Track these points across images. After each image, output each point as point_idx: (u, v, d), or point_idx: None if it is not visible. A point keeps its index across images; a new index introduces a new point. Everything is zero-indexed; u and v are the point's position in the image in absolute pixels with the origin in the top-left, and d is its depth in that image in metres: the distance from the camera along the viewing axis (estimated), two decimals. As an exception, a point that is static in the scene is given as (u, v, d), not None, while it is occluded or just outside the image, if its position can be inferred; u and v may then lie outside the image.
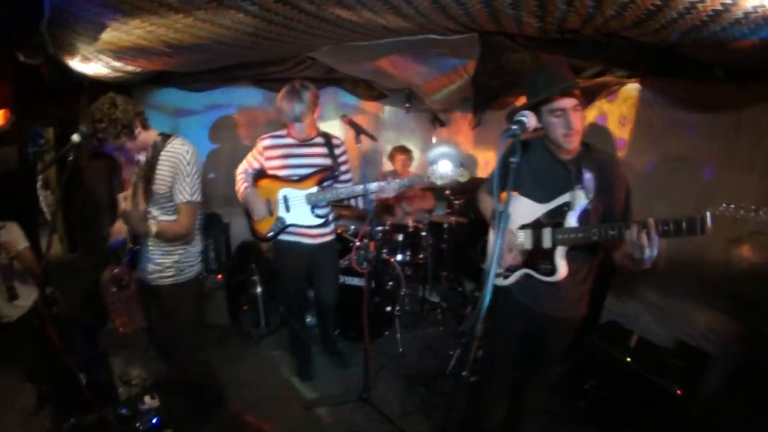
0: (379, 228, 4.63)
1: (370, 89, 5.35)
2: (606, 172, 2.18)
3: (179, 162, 2.55)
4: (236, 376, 3.65)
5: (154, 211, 2.66)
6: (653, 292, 3.90)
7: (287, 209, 3.42)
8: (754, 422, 3.01)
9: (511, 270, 2.48)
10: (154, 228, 2.52)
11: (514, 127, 1.77)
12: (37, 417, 3.40)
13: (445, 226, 4.86)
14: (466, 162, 5.21)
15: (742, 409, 3.11)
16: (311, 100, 3.22)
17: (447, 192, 4.86)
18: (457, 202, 4.86)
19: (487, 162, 5.70)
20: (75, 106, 4.76)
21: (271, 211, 3.43)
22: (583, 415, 3.45)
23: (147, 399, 3.38)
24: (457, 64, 3.98)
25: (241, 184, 3.47)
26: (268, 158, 3.42)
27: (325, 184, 3.40)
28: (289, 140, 3.38)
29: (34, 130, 5.48)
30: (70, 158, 2.39)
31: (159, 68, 3.98)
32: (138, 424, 3.23)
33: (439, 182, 3.21)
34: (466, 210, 4.88)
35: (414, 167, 5.46)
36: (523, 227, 2.39)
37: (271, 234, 3.46)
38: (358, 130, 3.21)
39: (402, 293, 4.52)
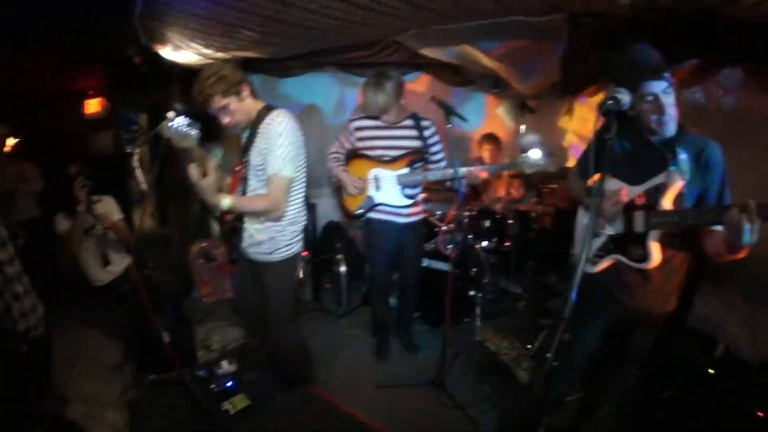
0: (466, 213, 4.53)
1: (456, 74, 5.24)
2: (703, 154, 2.06)
3: (272, 134, 2.54)
4: (313, 351, 3.66)
5: (253, 183, 2.69)
6: (745, 301, 3.61)
7: (377, 188, 3.47)
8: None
9: (600, 257, 2.38)
10: (227, 200, 2.47)
11: (610, 102, 1.71)
12: (120, 372, 3.58)
13: (533, 215, 4.69)
14: (555, 151, 5.05)
15: None
16: (395, 90, 3.22)
17: (536, 181, 4.73)
18: (546, 191, 4.70)
19: (576, 151, 5.44)
20: (166, 93, 5.04)
21: (361, 190, 3.48)
22: (658, 423, 3.21)
23: (224, 364, 3.51)
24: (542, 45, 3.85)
25: (334, 163, 3.56)
26: (360, 138, 3.48)
27: (416, 165, 3.39)
28: (379, 122, 3.40)
29: (127, 116, 5.81)
30: (165, 137, 2.40)
31: (247, 55, 4.10)
32: (213, 386, 3.36)
33: (528, 170, 3.13)
34: (554, 200, 4.71)
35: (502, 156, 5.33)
36: (615, 210, 2.27)
37: (360, 211, 3.53)
38: (448, 111, 3.11)
39: (485, 281, 4.42)
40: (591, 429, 2.96)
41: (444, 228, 4.25)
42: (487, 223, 4.62)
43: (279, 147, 2.53)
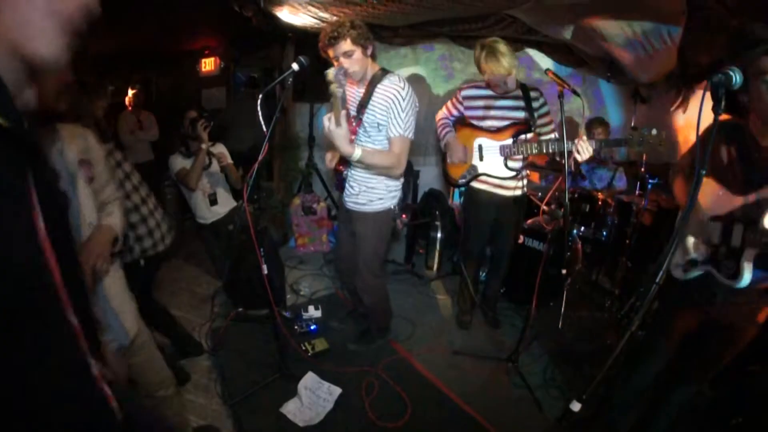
0: (567, 194, 4.45)
1: (569, 54, 5.12)
2: None
3: (395, 96, 2.68)
4: (398, 309, 3.82)
5: (363, 139, 2.87)
6: None
7: (481, 158, 3.47)
8: None
9: (692, 265, 2.23)
10: (358, 150, 2.61)
11: (720, 75, 1.53)
12: (210, 303, 3.86)
13: (634, 208, 4.43)
14: (666, 145, 4.84)
15: None
16: (513, 55, 3.19)
17: (642, 170, 4.51)
18: (651, 182, 4.47)
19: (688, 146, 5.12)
20: (281, 55, 5.30)
21: (465, 158, 3.49)
22: None
23: (311, 308, 3.70)
24: (662, 32, 3.69)
25: (443, 129, 3.59)
26: (468, 108, 3.47)
27: (521, 137, 3.34)
28: (489, 92, 3.39)
29: (240, 76, 6.16)
30: (289, 83, 2.61)
31: (364, 20, 4.18)
32: (296, 327, 3.58)
33: (637, 148, 3.03)
34: (658, 194, 4.49)
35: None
36: (714, 219, 2.10)
37: (463, 180, 3.55)
38: (563, 85, 3.12)
39: (576, 269, 4.33)
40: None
41: (545, 207, 4.21)
42: (586, 208, 4.48)
43: (404, 111, 2.69)
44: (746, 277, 1.94)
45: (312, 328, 3.58)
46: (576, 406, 1.60)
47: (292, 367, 3.15)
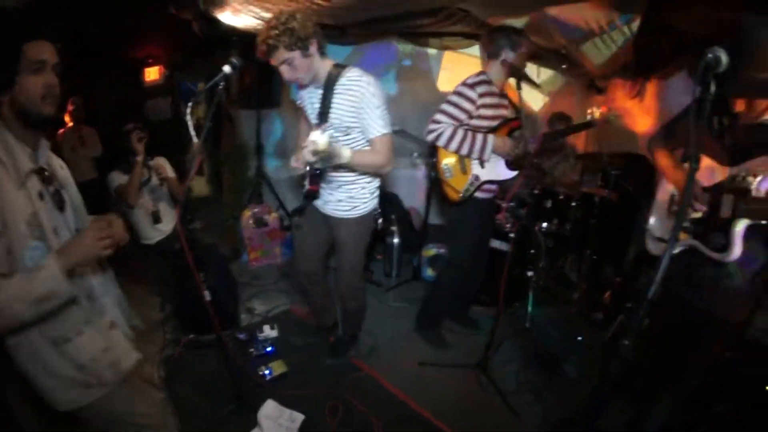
0: (529, 191, 4.39)
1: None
2: None
3: (361, 94, 2.47)
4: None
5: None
6: None
7: (482, 164, 3.17)
8: None
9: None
10: (347, 152, 2.44)
11: (709, 56, 1.47)
12: (161, 329, 3.63)
13: (596, 199, 4.39)
14: (623, 134, 4.81)
15: None
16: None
17: (604, 161, 4.42)
18: (613, 172, 4.41)
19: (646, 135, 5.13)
20: (224, 60, 5.04)
21: (464, 168, 3.19)
22: None
23: (266, 328, 3.53)
24: (618, 21, 3.65)
25: (466, 138, 3.06)
26: (481, 106, 3.06)
27: (516, 134, 3.15)
28: (494, 88, 3.13)
29: (185, 85, 5.91)
30: (220, 87, 2.43)
31: (304, 20, 4.02)
32: (252, 350, 3.38)
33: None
34: (621, 184, 4.41)
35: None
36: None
37: (467, 194, 3.20)
38: (520, 76, 2.95)
39: (541, 265, 4.23)
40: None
41: (505, 205, 4.09)
42: (549, 204, 4.41)
43: (377, 107, 2.50)
44: (736, 249, 1.93)
45: (268, 349, 3.37)
46: None
47: (250, 394, 2.95)
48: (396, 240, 4.61)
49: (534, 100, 5.66)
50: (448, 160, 3.18)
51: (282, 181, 5.41)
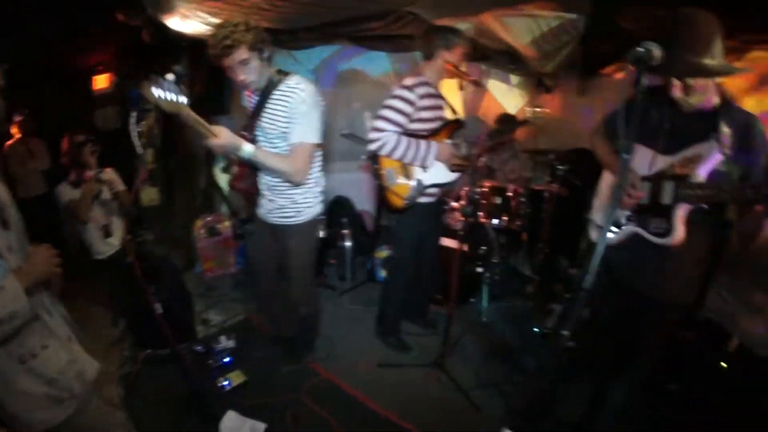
0: (477, 189, 4.40)
1: (473, 49, 5.03)
2: (746, 131, 1.92)
3: (293, 101, 2.47)
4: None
5: (266, 147, 2.63)
6: (762, 294, 3.49)
7: (425, 168, 3.11)
8: None
9: (618, 225, 2.26)
10: (248, 147, 2.39)
11: (641, 50, 1.54)
12: (118, 347, 3.54)
13: (546, 195, 4.52)
14: (570, 131, 4.91)
15: None
16: None
17: (552, 157, 4.55)
18: (561, 168, 4.51)
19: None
20: (182, 66, 4.95)
21: (407, 174, 3.11)
22: (663, 418, 3.12)
23: (223, 339, 3.48)
24: (567, 28, 3.67)
25: (408, 144, 2.98)
26: (421, 108, 2.99)
27: (456, 137, 3.16)
28: (433, 89, 3.07)
29: (135, 92, 5.77)
30: None
31: (257, 24, 3.98)
32: (210, 361, 3.33)
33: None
34: (569, 180, 4.51)
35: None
36: (642, 180, 2.15)
37: (410, 201, 3.11)
38: (462, 77, 2.99)
39: (493, 261, 4.27)
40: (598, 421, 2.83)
41: (455, 204, 4.13)
42: (498, 201, 4.45)
43: (305, 115, 2.48)
44: (678, 233, 2.01)
45: (226, 360, 3.32)
46: None
47: (210, 407, 2.90)
48: (348, 243, 4.59)
49: (511, 102, 5.70)
50: (390, 167, 3.10)
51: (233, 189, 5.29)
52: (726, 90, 1.99)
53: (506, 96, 5.62)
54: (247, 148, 2.39)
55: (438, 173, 3.13)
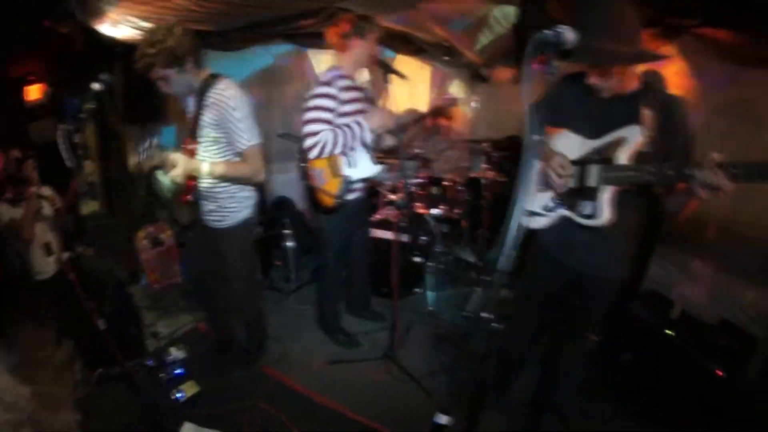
0: (414, 181, 4.52)
1: (408, 43, 5.05)
2: (667, 113, 1.98)
3: (224, 109, 2.48)
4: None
5: (202, 153, 2.63)
6: (700, 262, 3.68)
7: (350, 164, 3.11)
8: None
9: (548, 209, 2.34)
10: (206, 166, 2.49)
11: (548, 32, 1.55)
12: (70, 370, 3.47)
13: (483, 182, 4.62)
14: (507, 119, 5.04)
15: None
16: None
17: (485, 145, 4.65)
18: (496, 155, 4.63)
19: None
20: (110, 75, 4.81)
21: (335, 172, 3.10)
22: (616, 388, 3.30)
23: (173, 350, 3.44)
24: (498, 17, 3.81)
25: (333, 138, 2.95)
26: (344, 102, 2.97)
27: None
28: (351, 81, 3.05)
29: (70, 102, 5.60)
30: (92, 107, 2.46)
31: (189, 27, 3.91)
32: (162, 375, 3.29)
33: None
34: (505, 166, 4.65)
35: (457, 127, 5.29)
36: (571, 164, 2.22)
37: (341, 197, 3.12)
38: (387, 69, 3.00)
39: (436, 250, 4.36)
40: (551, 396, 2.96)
41: (391, 197, 4.22)
42: (435, 190, 4.56)
43: (239, 120, 2.50)
44: (604, 213, 2.07)
45: (178, 371, 3.30)
46: (443, 419, 1.50)
47: (166, 420, 2.89)
48: (291, 244, 4.52)
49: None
50: (318, 167, 3.09)
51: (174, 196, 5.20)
52: (659, 75, 2.07)
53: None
54: (205, 168, 2.46)
55: (364, 167, 3.15)
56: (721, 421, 2.88)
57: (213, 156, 2.61)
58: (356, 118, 3.02)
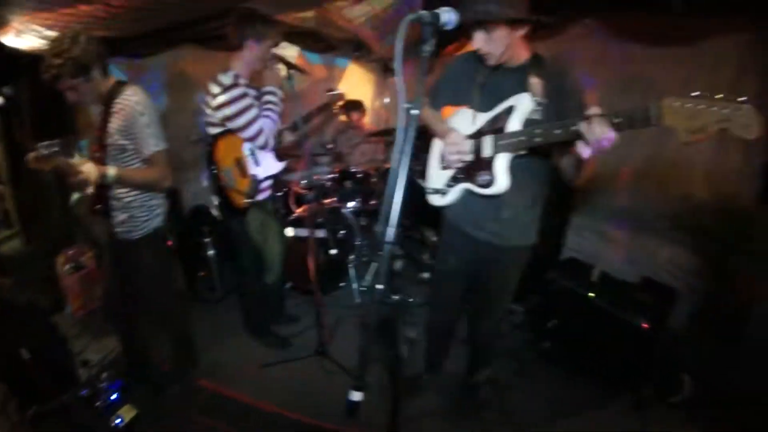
0: (328, 176, 4.57)
1: (318, 41, 5.06)
2: (557, 80, 2.09)
3: (132, 115, 2.50)
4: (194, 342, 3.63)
5: (110, 162, 2.61)
6: (615, 228, 3.94)
7: (257, 163, 3.20)
8: (720, 357, 3.14)
9: (450, 185, 2.46)
10: (112, 170, 2.49)
11: (425, 13, 1.61)
12: (4, 412, 3.40)
13: None
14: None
15: (708, 345, 3.21)
16: None
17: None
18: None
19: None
20: (15, 87, 4.61)
21: (242, 171, 3.17)
22: (548, 354, 3.52)
23: (106, 377, 3.40)
24: (403, 5, 3.89)
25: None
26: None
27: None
28: (244, 88, 3.07)
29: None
30: None
31: (95, 35, 3.77)
32: (98, 404, 3.24)
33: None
34: (416, 154, 4.73)
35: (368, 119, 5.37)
36: (466, 138, 2.32)
37: (251, 195, 3.21)
38: (289, 66, 3.04)
39: (357, 243, 4.44)
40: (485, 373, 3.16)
41: (299, 191, 4.36)
42: (349, 184, 4.64)
43: (146, 126, 2.53)
44: (501, 181, 2.19)
45: (113, 398, 3.29)
46: (356, 396, 1.59)
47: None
48: (212, 252, 4.47)
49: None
50: (226, 167, 3.14)
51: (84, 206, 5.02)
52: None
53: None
54: (111, 173, 2.47)
55: (269, 165, 3.27)
56: (649, 370, 3.14)
57: (120, 164, 2.61)
58: (263, 112, 3.10)
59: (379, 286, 1.55)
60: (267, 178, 3.28)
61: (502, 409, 3.15)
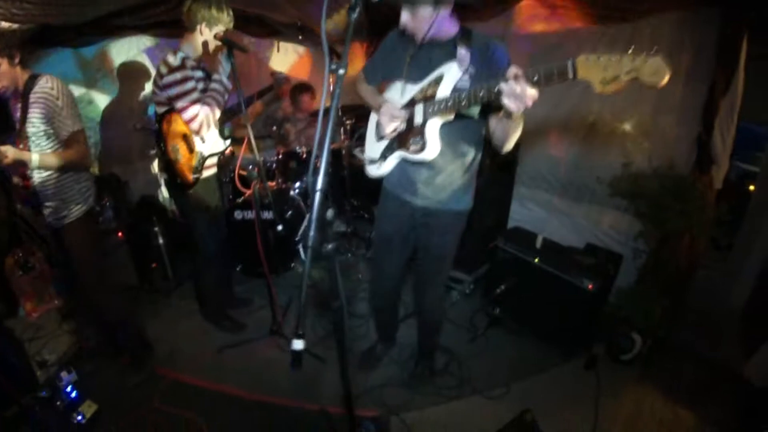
0: (273, 158, 4.62)
1: (262, 26, 5.08)
2: (488, 51, 2.18)
3: (48, 100, 2.60)
4: (150, 333, 3.70)
5: (33, 149, 2.68)
6: (558, 198, 4.11)
7: (203, 140, 3.23)
8: (664, 318, 3.31)
9: (385, 155, 2.56)
10: (35, 156, 2.58)
11: None
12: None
13: (343, 152, 4.81)
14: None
15: (653, 306, 3.35)
16: None
17: (342, 116, 4.80)
18: (349, 123, 4.81)
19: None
20: None
21: (190, 147, 3.20)
22: (498, 320, 3.69)
23: (64, 374, 3.41)
24: None
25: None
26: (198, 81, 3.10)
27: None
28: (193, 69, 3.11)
29: None
30: None
31: (31, 24, 3.50)
32: (59, 402, 3.27)
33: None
34: (356, 130, 4.82)
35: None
36: (400, 109, 2.42)
37: (198, 170, 3.24)
38: (231, 45, 3.02)
39: (305, 224, 4.43)
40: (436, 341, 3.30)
41: (242, 172, 4.28)
42: (294, 165, 4.67)
43: (62, 109, 2.63)
44: (432, 145, 2.28)
45: (73, 395, 3.31)
46: (298, 344, 1.60)
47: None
48: (162, 241, 4.49)
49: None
50: (174, 142, 3.15)
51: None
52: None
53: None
54: (34, 158, 2.57)
55: (214, 143, 3.31)
56: (599, 330, 3.38)
57: (43, 149, 2.71)
58: (205, 97, 3.11)
59: (312, 234, 1.54)
60: (212, 155, 3.33)
61: (458, 375, 3.32)
